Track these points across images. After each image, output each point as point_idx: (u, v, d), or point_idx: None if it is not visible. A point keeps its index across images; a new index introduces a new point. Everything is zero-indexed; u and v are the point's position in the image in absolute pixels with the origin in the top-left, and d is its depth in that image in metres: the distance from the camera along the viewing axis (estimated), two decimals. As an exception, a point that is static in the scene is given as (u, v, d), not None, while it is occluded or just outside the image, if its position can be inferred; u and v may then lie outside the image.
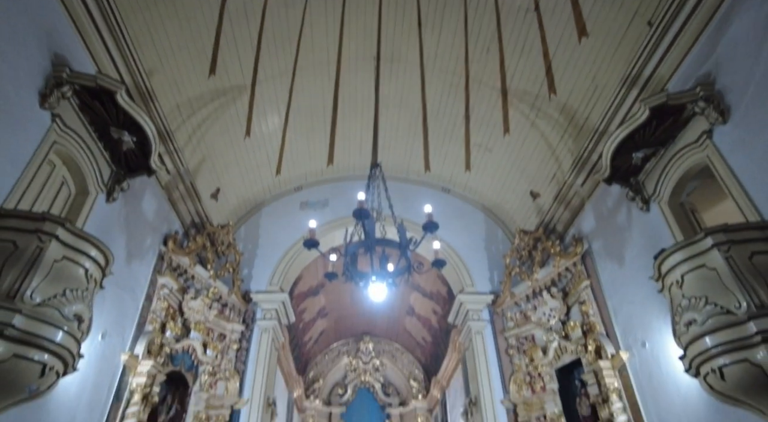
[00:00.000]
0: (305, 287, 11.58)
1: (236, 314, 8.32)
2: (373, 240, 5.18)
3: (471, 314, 8.72)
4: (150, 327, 6.43)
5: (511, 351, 8.14)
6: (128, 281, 5.97)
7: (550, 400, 7.30)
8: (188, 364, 7.19)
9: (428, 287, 11.92)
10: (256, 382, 7.81)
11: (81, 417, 4.90)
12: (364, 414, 15.46)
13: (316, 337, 14.68)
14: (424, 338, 14.37)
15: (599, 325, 6.59)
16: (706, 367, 3.57)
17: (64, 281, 3.55)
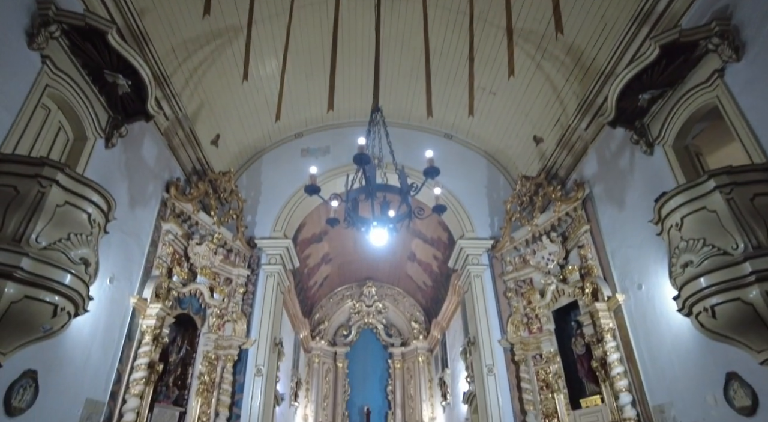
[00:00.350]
0: (309, 234, 11.72)
1: (241, 259, 8.49)
2: (374, 186, 5.17)
3: (471, 259, 8.87)
4: (157, 271, 6.58)
5: (509, 294, 8.35)
6: (133, 227, 6.04)
7: (546, 340, 7.58)
8: (196, 307, 7.43)
9: (429, 233, 12.05)
10: (262, 324, 8.10)
11: (96, 355, 5.13)
12: (368, 353, 16.11)
13: (320, 282, 15.04)
14: (424, 282, 14.71)
15: (597, 268, 6.71)
16: (698, 306, 3.66)
17: (68, 225, 3.59)
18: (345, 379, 15.56)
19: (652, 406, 5.37)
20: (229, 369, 7.49)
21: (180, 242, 7.33)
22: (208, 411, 7.10)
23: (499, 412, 7.46)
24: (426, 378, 15.21)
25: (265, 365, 7.76)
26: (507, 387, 7.68)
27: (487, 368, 7.84)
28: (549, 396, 7.29)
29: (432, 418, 14.41)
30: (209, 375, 7.28)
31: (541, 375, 7.54)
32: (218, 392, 7.29)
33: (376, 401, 15.35)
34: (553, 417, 7.13)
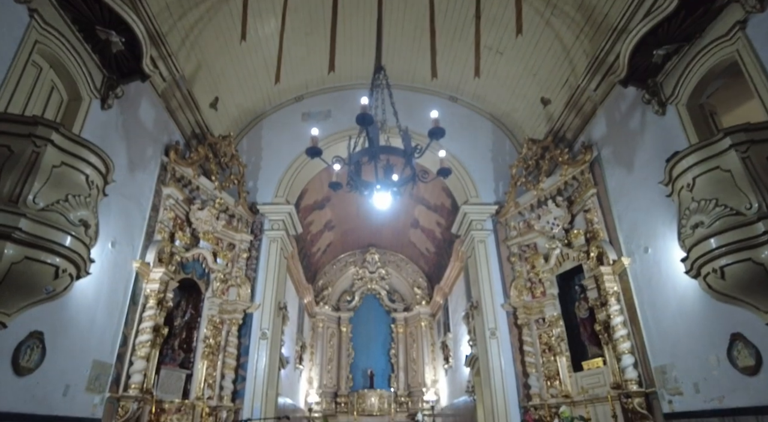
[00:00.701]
0: (311, 201, 11.65)
1: (244, 225, 8.46)
2: (377, 148, 5.05)
3: (474, 225, 8.82)
4: (159, 236, 6.55)
5: (512, 259, 8.34)
6: (133, 191, 5.97)
7: (549, 304, 7.61)
8: (200, 272, 7.45)
9: (433, 199, 11.97)
10: (266, 288, 8.14)
11: (101, 317, 5.16)
12: (371, 318, 16.35)
13: (323, 248, 15.09)
14: (427, 249, 14.74)
15: (603, 232, 6.65)
16: (707, 267, 3.60)
17: (65, 187, 3.51)
18: (349, 343, 15.86)
19: (654, 367, 5.41)
20: (234, 333, 7.58)
21: (181, 207, 7.27)
22: (214, 374, 7.23)
23: (502, 374, 7.57)
24: (428, 342, 15.48)
25: (270, 328, 7.85)
26: (509, 350, 7.77)
27: (489, 331, 7.92)
28: (551, 359, 7.38)
29: (434, 381, 14.74)
30: (214, 339, 7.37)
31: (544, 338, 7.61)
32: (224, 355, 7.40)
33: (379, 364, 15.68)
34: (554, 378, 7.23)
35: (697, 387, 4.63)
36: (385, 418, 14.20)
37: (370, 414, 14.36)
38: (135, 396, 5.53)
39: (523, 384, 7.51)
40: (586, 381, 6.74)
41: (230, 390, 7.22)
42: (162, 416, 6.15)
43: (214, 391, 7.13)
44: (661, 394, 5.24)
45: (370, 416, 14.33)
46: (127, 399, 5.48)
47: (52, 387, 4.28)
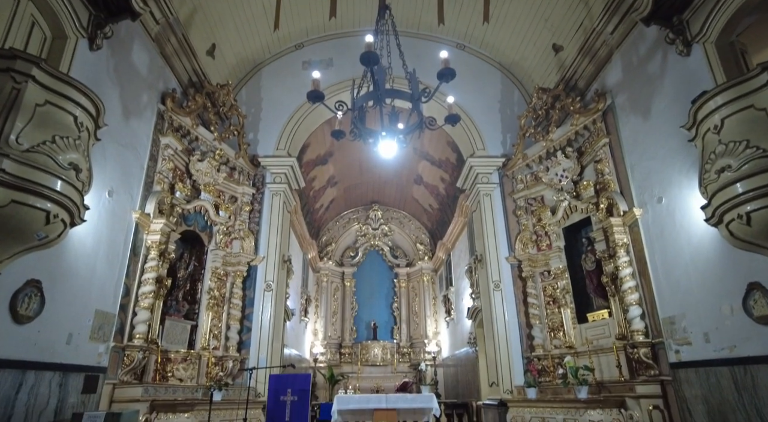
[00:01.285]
0: (314, 156, 11.40)
1: (246, 177, 8.28)
2: (382, 91, 4.78)
3: (480, 178, 8.61)
4: (158, 187, 6.39)
5: (518, 212, 8.19)
6: (129, 139, 5.75)
7: (555, 257, 7.52)
8: (202, 224, 7.33)
9: (437, 154, 11.69)
10: (270, 241, 8.06)
11: (101, 268, 5.07)
12: (374, 273, 16.46)
13: (327, 205, 14.96)
14: (431, 205, 14.60)
15: (614, 183, 6.45)
16: (731, 214, 3.44)
17: (51, 127, 3.31)
18: (352, 297, 16.06)
19: (662, 318, 5.35)
20: (238, 285, 7.56)
21: (180, 157, 7.06)
22: (219, 325, 7.26)
23: (505, 325, 7.60)
24: (430, 296, 15.66)
25: (275, 281, 7.82)
26: (513, 302, 7.76)
27: (494, 284, 7.88)
28: (555, 311, 7.37)
29: (436, 333, 15.01)
30: (219, 291, 7.35)
31: (548, 290, 7.57)
32: (229, 306, 7.41)
33: (382, 317, 15.93)
34: (558, 330, 7.25)
35: (707, 337, 4.57)
36: (388, 368, 14.54)
37: (373, 364, 14.70)
38: (140, 346, 5.54)
39: (527, 336, 7.54)
40: (590, 333, 6.74)
41: (236, 340, 7.28)
42: (168, 365, 6.20)
43: (220, 342, 7.18)
44: (668, 344, 5.20)
45: (374, 366, 14.68)
46: (132, 348, 5.49)
47: (54, 335, 4.24)
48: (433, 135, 10.92)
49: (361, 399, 8.21)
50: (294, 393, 4.92)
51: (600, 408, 5.25)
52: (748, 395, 4.05)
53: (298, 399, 4.90)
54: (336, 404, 8.09)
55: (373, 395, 8.17)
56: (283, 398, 4.91)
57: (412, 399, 8.22)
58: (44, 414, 4.04)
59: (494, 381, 7.60)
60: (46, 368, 4.09)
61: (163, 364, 6.11)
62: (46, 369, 4.10)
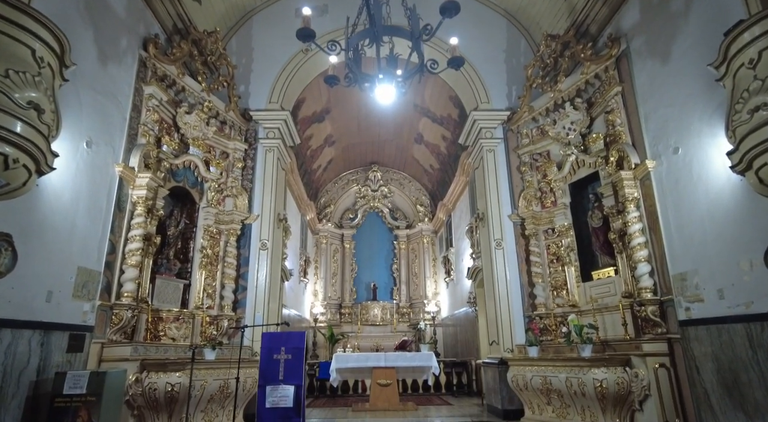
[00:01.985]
0: (309, 112, 10.95)
1: (237, 132, 7.89)
2: (379, 27, 4.36)
3: (484, 133, 8.22)
4: (143, 140, 6.03)
5: (523, 168, 7.85)
6: (107, 86, 5.34)
7: (560, 214, 7.24)
8: (192, 180, 7.01)
9: (438, 111, 11.23)
10: (264, 199, 7.76)
11: (82, 223, 4.80)
12: (374, 235, 16.31)
13: (324, 165, 14.60)
14: (431, 165, 14.24)
15: (625, 135, 6.08)
16: (764, 158, 3.11)
17: (4, 60, 2.94)
18: (352, 259, 15.96)
19: (673, 275, 5.12)
20: (232, 243, 7.33)
21: (167, 109, 6.66)
22: (213, 284, 7.06)
23: (507, 285, 7.41)
24: (430, 257, 15.57)
25: (270, 240, 7.58)
26: (515, 261, 7.54)
27: (495, 242, 7.64)
28: (559, 269, 7.16)
29: (435, 293, 14.99)
30: (212, 249, 7.12)
31: (552, 248, 7.34)
32: (223, 265, 7.20)
33: (382, 278, 15.88)
34: (561, 288, 7.06)
35: (721, 293, 4.34)
36: (388, 328, 14.60)
37: (373, 324, 14.76)
38: (128, 305, 5.34)
39: (529, 294, 7.37)
40: (595, 291, 6.55)
41: (231, 299, 7.10)
42: (160, 324, 6.04)
43: (215, 301, 7.01)
44: (677, 301, 4.99)
45: (373, 325, 14.74)
46: (120, 307, 5.29)
47: (32, 292, 4.01)
48: (434, 90, 10.46)
49: (359, 357, 8.16)
50: (288, 351, 4.75)
51: (604, 367, 5.10)
52: (763, 352, 3.86)
53: (292, 358, 4.73)
54: (334, 362, 8.04)
55: (372, 353, 8.12)
56: (276, 356, 4.75)
57: (411, 358, 8.17)
58: (25, 373, 3.86)
59: (494, 339, 7.49)
60: (24, 326, 3.88)
61: (154, 323, 5.95)
62: (25, 328, 3.89)
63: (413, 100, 11.42)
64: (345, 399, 9.41)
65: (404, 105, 11.71)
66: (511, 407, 6.74)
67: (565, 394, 5.50)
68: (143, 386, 4.95)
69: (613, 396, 5.01)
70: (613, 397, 5.01)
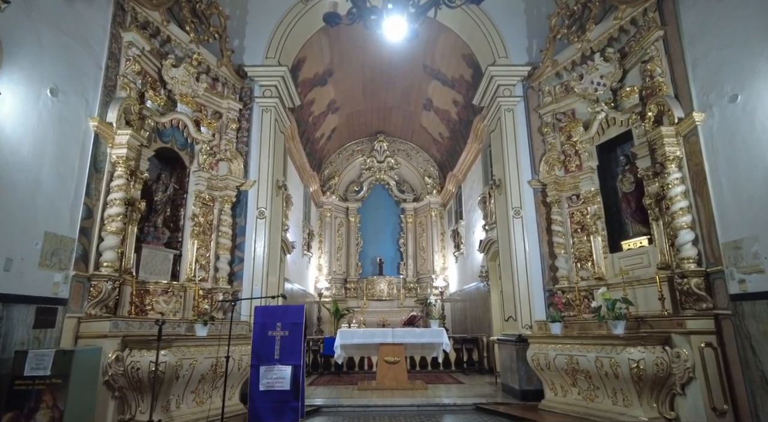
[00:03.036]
0: (310, 74, 10.20)
1: (231, 90, 7.21)
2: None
3: (502, 91, 7.49)
4: (122, 92, 5.37)
5: (545, 129, 7.15)
6: (76, 28, 4.66)
7: (586, 178, 6.57)
8: (181, 141, 6.38)
9: (450, 72, 10.44)
10: (261, 164, 7.13)
11: (49, 182, 4.20)
12: (380, 208, 15.73)
13: (328, 134, 13.89)
14: (441, 134, 13.50)
15: (667, 86, 5.34)
16: None
17: None
18: (357, 232, 15.43)
19: (723, 243, 4.47)
20: (227, 211, 6.75)
21: (150, 60, 5.98)
22: (207, 254, 6.51)
23: (526, 256, 6.81)
24: (438, 231, 15.00)
25: (268, 208, 6.99)
26: (535, 231, 6.92)
27: (514, 211, 7.01)
28: (584, 239, 6.53)
29: (443, 268, 14.47)
30: (204, 217, 6.54)
31: (576, 217, 6.70)
32: (217, 235, 6.63)
33: (388, 252, 15.36)
34: (586, 260, 6.45)
35: (788, 263, 3.72)
36: (394, 302, 14.14)
37: (379, 299, 14.31)
38: (108, 276, 4.79)
39: (549, 267, 6.77)
40: (624, 263, 5.93)
41: (226, 272, 6.56)
42: (147, 297, 5.51)
43: (208, 273, 6.47)
44: (729, 273, 4.36)
45: (380, 300, 14.29)
46: (99, 278, 4.74)
47: (-16, 259, 3.45)
48: (445, 47, 9.66)
49: (365, 333, 7.66)
50: (285, 327, 4.20)
51: (641, 346, 4.52)
52: (842, 330, 3.25)
53: (289, 334, 4.18)
54: (339, 338, 7.54)
55: (379, 329, 7.61)
56: (271, 333, 4.20)
57: (420, 334, 7.66)
58: (-22, 352, 3.34)
59: (511, 315, 6.94)
60: (-24, 297, 3.34)
61: (140, 297, 5.41)
62: (-24, 300, 3.35)
63: (422, 60, 10.64)
64: (351, 377, 8.98)
65: (412, 66, 10.95)
66: (529, 387, 6.23)
67: (594, 375, 4.95)
68: (125, 365, 4.43)
69: (651, 378, 4.44)
70: (651, 380, 4.44)
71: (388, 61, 10.91)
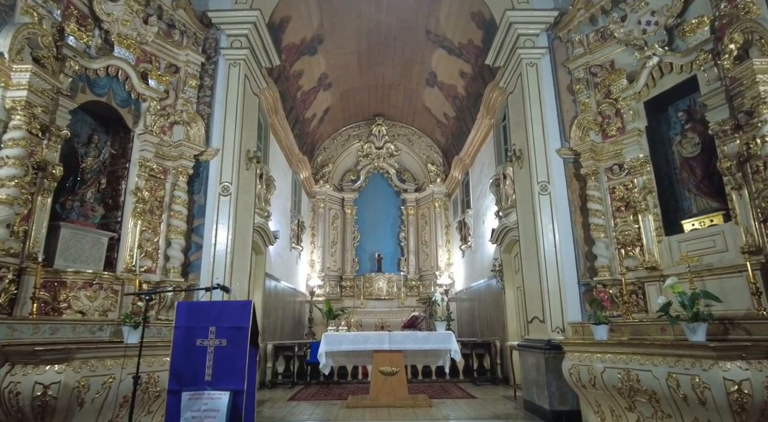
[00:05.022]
0: (296, 38, 8.85)
1: (191, 41, 5.89)
2: None
3: (522, 41, 6.14)
4: (25, 17, 4.04)
5: (576, 87, 5.82)
6: None
7: (631, 143, 5.21)
8: (122, 97, 5.05)
9: (457, 37, 9.08)
10: (227, 129, 5.80)
11: None
12: (378, 199, 14.38)
13: (320, 115, 12.53)
14: (445, 114, 12.14)
15: (758, 5, 3.98)
16: None
17: None
18: (354, 226, 14.09)
19: None
20: (182, 186, 5.42)
21: (74, -13, 4.66)
22: (155, 239, 5.18)
23: (555, 242, 5.46)
24: (442, 223, 13.67)
25: (235, 182, 5.65)
26: (567, 210, 5.58)
27: (540, 186, 5.66)
28: (629, 219, 5.18)
29: (448, 264, 13.11)
30: (153, 192, 5.22)
31: (619, 192, 5.35)
32: (168, 215, 5.31)
33: (387, 248, 14.01)
34: (633, 245, 5.09)
35: None
36: (394, 302, 12.78)
37: (378, 298, 12.94)
38: (-7, 260, 3.47)
39: (585, 255, 5.42)
40: (688, 247, 4.57)
41: (179, 261, 5.24)
42: (62, 292, 4.16)
43: (156, 262, 5.14)
44: None
45: (378, 300, 12.92)
46: (-23, 262, 3.42)
47: None
48: (452, 6, 8.29)
49: (356, 337, 6.29)
50: (221, 334, 2.81)
51: (741, 360, 3.15)
52: None
53: (228, 344, 2.80)
54: (323, 344, 6.17)
55: (373, 333, 6.24)
56: (201, 342, 2.81)
57: (424, 339, 6.28)
58: None
59: (536, 316, 5.58)
60: None
61: (52, 290, 4.08)
62: None
63: (425, 24, 9.29)
64: (342, 389, 7.62)
65: (414, 33, 9.60)
66: (563, 407, 4.89)
67: (664, 398, 3.58)
68: (0, 388, 3.10)
69: (760, 407, 3.07)
70: (759, 410, 3.08)
71: (387, 27, 9.58)
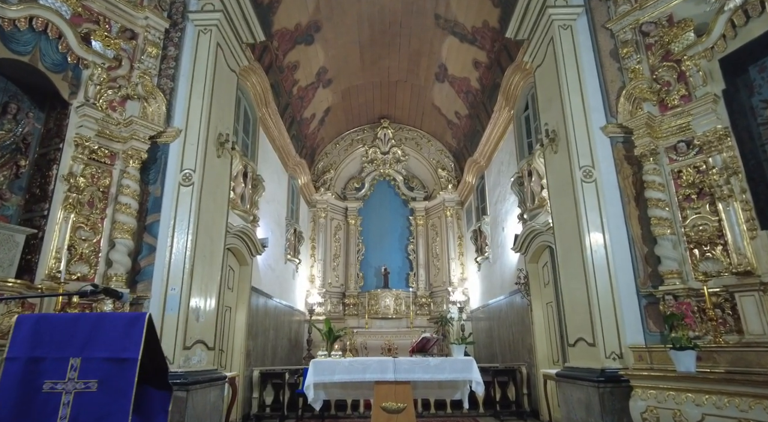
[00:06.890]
0: (290, 23, 7.89)
1: (154, 2, 4.88)
2: None
3: (553, 0, 5.05)
4: None
5: (623, 51, 4.69)
6: None
7: (704, 113, 4.04)
8: (54, 59, 4.01)
9: (470, 21, 8.07)
10: (192, 107, 4.71)
11: None
12: (385, 209, 13.25)
13: (321, 116, 11.52)
14: (457, 112, 11.07)
15: None
16: None
17: None
18: (358, 237, 12.91)
19: None
20: (132, 174, 4.33)
21: None
22: (94, 239, 4.07)
23: (605, 241, 4.25)
24: (455, 234, 12.44)
25: (199, 170, 4.54)
26: (618, 201, 4.39)
27: (582, 172, 4.47)
28: (704, 210, 3.98)
29: (462, 279, 11.82)
30: (94, 180, 4.14)
31: (687, 176, 4.16)
32: (113, 208, 4.20)
33: (395, 261, 12.78)
34: (713, 243, 3.88)
35: None
36: (403, 321, 11.49)
37: (384, 317, 11.66)
38: None
39: (644, 257, 4.20)
40: (799, 243, 3.36)
41: (125, 267, 4.11)
42: (-61, 304, 3.05)
43: (95, 268, 4.02)
44: None
45: (385, 319, 11.64)
46: None
47: None
48: (464, -19, 7.32)
49: (353, 365, 5.01)
50: (89, 371, 1.59)
51: None
52: None
53: (98, 388, 1.58)
54: (312, 373, 4.90)
55: (373, 359, 4.96)
56: (49, 385, 1.58)
57: (437, 367, 4.97)
58: None
59: (582, 336, 4.33)
60: None
61: None
62: None
63: (434, 8, 8.29)
64: (338, 425, 6.36)
65: (421, 18, 8.60)
66: (627, 462, 3.60)
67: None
68: None
69: None
70: None
71: (391, 12, 8.61)
